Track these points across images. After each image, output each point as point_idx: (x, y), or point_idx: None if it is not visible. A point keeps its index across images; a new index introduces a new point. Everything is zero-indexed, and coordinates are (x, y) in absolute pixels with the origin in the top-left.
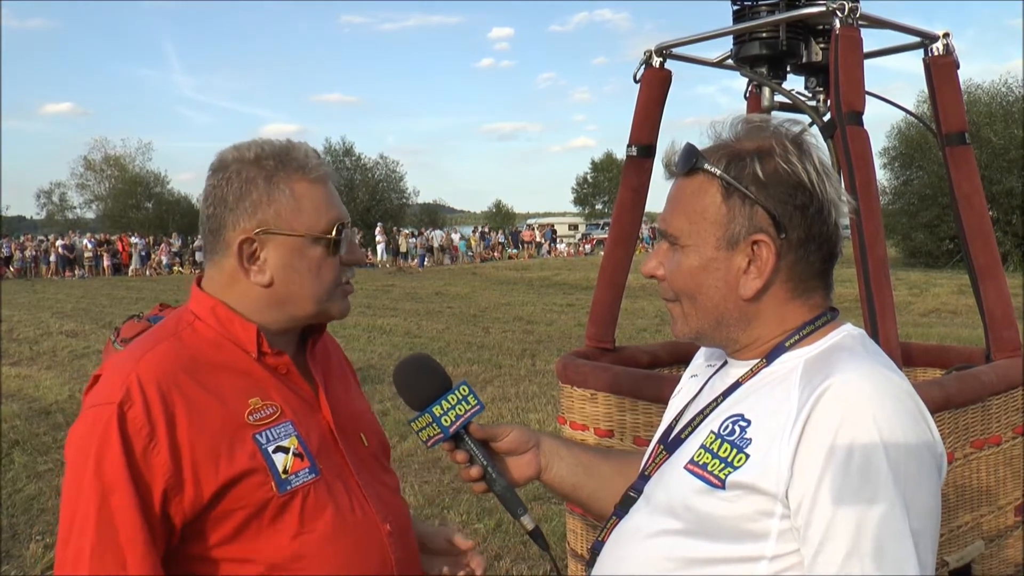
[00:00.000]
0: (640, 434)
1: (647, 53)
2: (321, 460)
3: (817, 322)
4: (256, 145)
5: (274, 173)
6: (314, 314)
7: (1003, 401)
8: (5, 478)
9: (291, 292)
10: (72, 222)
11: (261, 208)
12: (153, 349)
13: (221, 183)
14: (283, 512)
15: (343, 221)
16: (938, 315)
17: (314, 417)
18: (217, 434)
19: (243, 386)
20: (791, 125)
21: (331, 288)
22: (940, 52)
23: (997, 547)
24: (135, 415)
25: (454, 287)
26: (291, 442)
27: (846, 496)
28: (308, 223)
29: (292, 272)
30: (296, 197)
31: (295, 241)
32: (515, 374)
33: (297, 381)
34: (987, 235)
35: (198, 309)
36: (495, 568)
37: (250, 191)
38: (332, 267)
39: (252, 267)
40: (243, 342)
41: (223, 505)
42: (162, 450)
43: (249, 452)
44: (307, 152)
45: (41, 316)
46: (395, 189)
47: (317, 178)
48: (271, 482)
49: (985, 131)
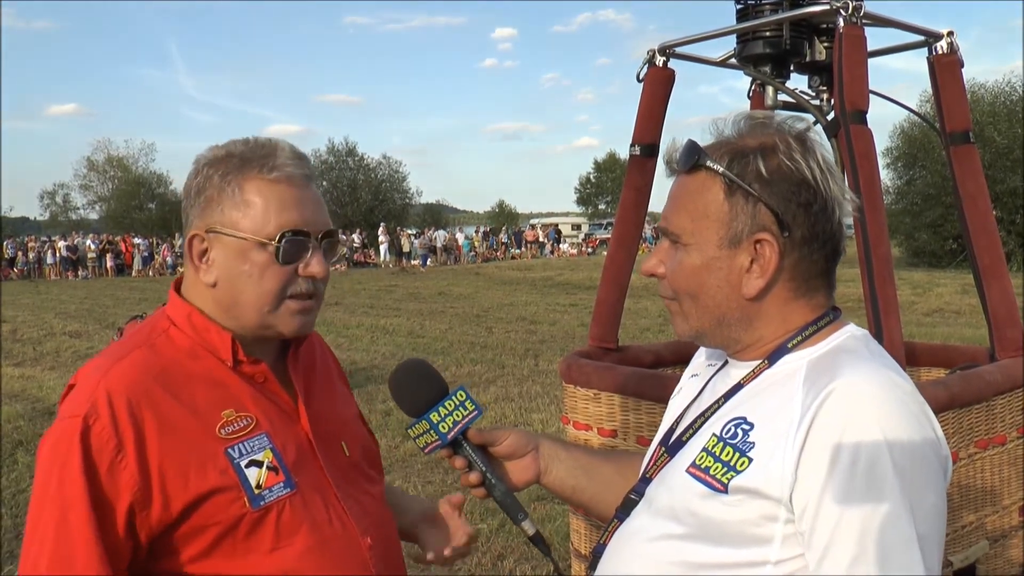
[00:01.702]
0: (644, 434)
1: (650, 52)
2: (298, 473)
3: (820, 322)
4: (233, 143)
5: (230, 171)
6: (259, 326)
7: (1007, 401)
8: (9, 478)
9: (234, 296)
10: (75, 223)
11: (211, 206)
12: (125, 359)
13: (190, 178)
14: (257, 528)
15: (299, 228)
16: (942, 315)
17: (292, 428)
18: (188, 448)
19: (217, 397)
20: (794, 122)
21: (273, 299)
22: (944, 51)
23: (1001, 547)
24: (100, 429)
25: (457, 287)
26: (265, 455)
27: (851, 500)
28: (253, 226)
29: (234, 275)
30: (245, 197)
31: (238, 243)
32: (518, 374)
33: (275, 390)
34: (991, 234)
35: (174, 315)
36: (499, 568)
37: (206, 187)
38: (276, 275)
39: (201, 265)
40: (219, 350)
41: (193, 521)
42: (130, 463)
43: (221, 467)
44: (279, 152)
45: (44, 317)
46: (398, 189)
47: (277, 178)
48: (243, 497)
49: (989, 130)
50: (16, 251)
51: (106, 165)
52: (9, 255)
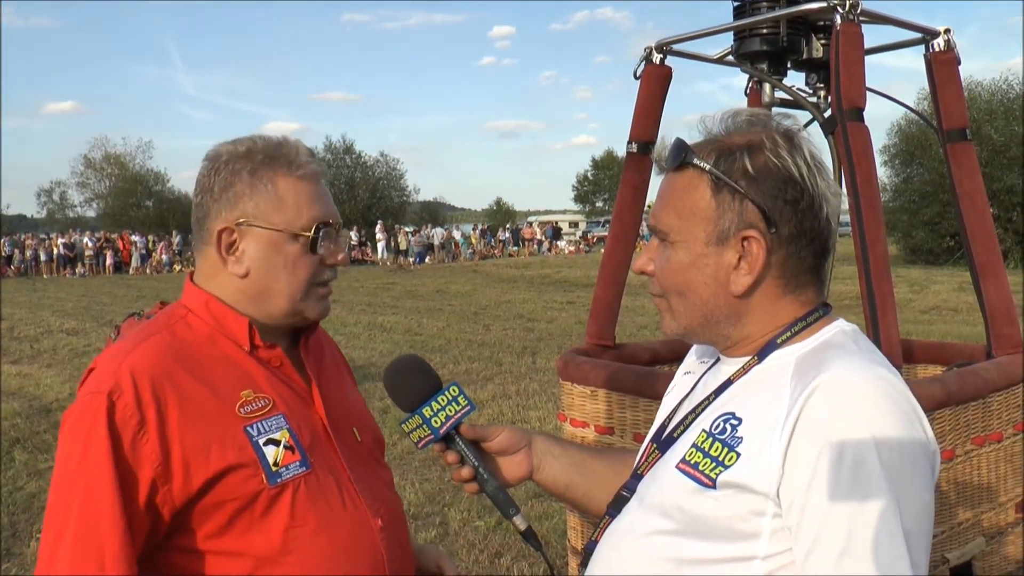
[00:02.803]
0: (640, 431)
1: (647, 49)
2: (313, 454)
3: (809, 318)
4: (251, 140)
5: (260, 167)
6: (289, 312)
7: (1004, 398)
8: (6, 476)
9: (266, 286)
10: (73, 220)
11: (243, 200)
12: (146, 341)
13: (210, 173)
14: (274, 505)
15: (326, 220)
16: (939, 312)
17: (307, 411)
18: (208, 425)
19: (235, 378)
20: (782, 119)
21: (306, 286)
22: (941, 48)
23: (998, 544)
24: (124, 404)
25: (455, 285)
26: (282, 435)
27: (838, 495)
28: (287, 219)
29: (268, 265)
30: (278, 192)
31: (273, 235)
32: (516, 372)
33: (290, 374)
34: (988, 232)
35: (191, 303)
36: (495, 565)
37: (234, 182)
38: (308, 265)
39: (230, 257)
40: (236, 335)
41: (213, 496)
42: (152, 439)
43: (240, 444)
44: (298, 150)
45: (42, 315)
46: (396, 187)
47: (303, 175)
48: (261, 474)
49: (986, 128)
50: (13, 249)
51: (103, 163)
52: (6, 253)
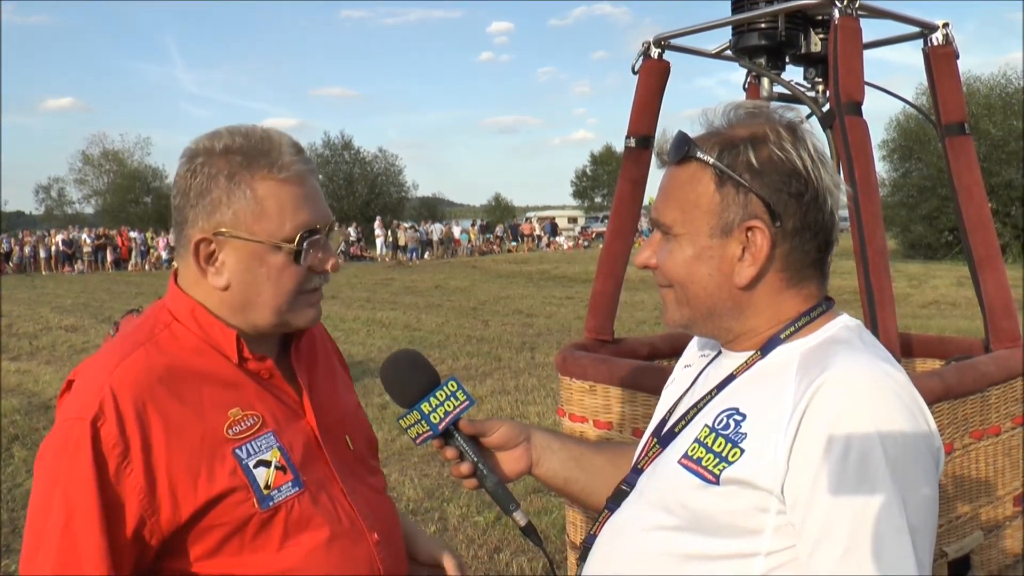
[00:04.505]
0: (639, 426)
1: (645, 44)
2: (305, 471)
3: (812, 313)
4: (229, 135)
5: (238, 171)
6: (275, 324)
7: (1002, 391)
8: (5, 473)
9: (248, 298)
10: (71, 217)
11: (220, 208)
12: (129, 356)
13: (187, 175)
14: (266, 528)
15: (312, 226)
16: (937, 307)
17: (298, 424)
18: (196, 451)
19: (223, 397)
20: (785, 111)
21: (291, 298)
22: (940, 42)
23: (996, 537)
24: (108, 432)
25: (453, 280)
26: (273, 454)
27: (843, 492)
28: (269, 229)
29: (249, 278)
30: (258, 199)
31: (254, 247)
32: (514, 367)
33: (281, 386)
34: (987, 226)
35: (176, 310)
36: (494, 561)
37: (211, 188)
38: (294, 275)
39: (209, 268)
40: (223, 347)
41: (203, 523)
42: (136, 470)
43: (229, 469)
44: (282, 147)
45: (40, 311)
46: (394, 183)
47: (287, 178)
48: (252, 498)
49: (984, 123)
50: (12, 245)
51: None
52: (5, 250)
